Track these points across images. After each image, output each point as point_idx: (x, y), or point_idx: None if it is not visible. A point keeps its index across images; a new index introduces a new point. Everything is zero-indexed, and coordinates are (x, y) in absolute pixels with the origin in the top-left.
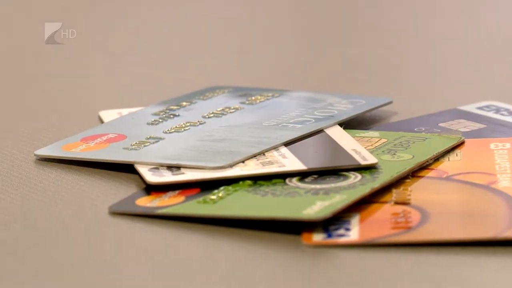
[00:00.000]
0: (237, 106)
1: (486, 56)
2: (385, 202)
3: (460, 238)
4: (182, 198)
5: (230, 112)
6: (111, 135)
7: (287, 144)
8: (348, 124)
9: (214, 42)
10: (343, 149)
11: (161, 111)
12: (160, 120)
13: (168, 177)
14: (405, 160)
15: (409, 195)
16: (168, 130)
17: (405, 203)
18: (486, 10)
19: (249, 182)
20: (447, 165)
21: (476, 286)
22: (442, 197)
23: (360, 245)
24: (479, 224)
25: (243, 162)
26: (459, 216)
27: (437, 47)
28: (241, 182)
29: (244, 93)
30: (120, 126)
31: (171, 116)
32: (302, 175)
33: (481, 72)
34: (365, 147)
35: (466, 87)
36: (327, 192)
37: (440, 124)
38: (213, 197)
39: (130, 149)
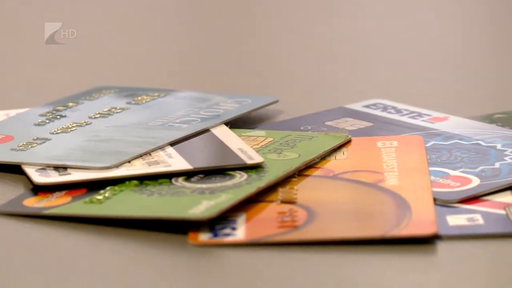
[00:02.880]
0: (123, 106)
1: (372, 54)
2: (272, 201)
3: (347, 237)
4: (69, 198)
5: (117, 112)
6: None
7: (173, 144)
8: (234, 124)
9: (100, 42)
10: (229, 148)
11: (48, 112)
12: (47, 121)
13: (55, 177)
14: (291, 159)
15: (296, 194)
16: (55, 130)
17: (291, 202)
18: (371, 9)
19: (135, 182)
20: (334, 163)
21: (362, 285)
22: (328, 196)
23: (247, 244)
24: (367, 222)
25: (129, 162)
26: (346, 214)
27: (323, 46)
28: (127, 182)
29: (131, 93)
30: (7, 127)
31: (58, 117)
32: (188, 175)
33: (367, 71)
34: (251, 146)
35: (353, 86)
36: (213, 192)
37: (327, 123)
38: (99, 197)
39: (18, 150)
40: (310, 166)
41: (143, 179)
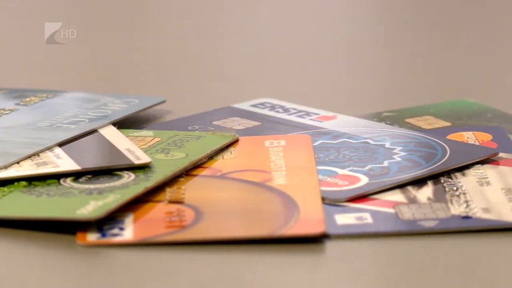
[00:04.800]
0: (12, 108)
1: (260, 54)
2: (159, 201)
3: (235, 236)
4: None
5: (5, 114)
6: None
7: (61, 144)
8: (122, 124)
9: None
10: (117, 148)
11: None
12: None
13: None
14: (179, 159)
15: (183, 194)
16: None
17: (179, 202)
18: (259, 8)
19: (24, 183)
20: (221, 163)
21: (251, 284)
22: (216, 196)
23: (135, 244)
24: (254, 222)
25: (18, 163)
26: (234, 214)
27: (211, 45)
28: (16, 183)
29: (19, 94)
30: None
31: None
32: (76, 175)
33: (255, 70)
34: (139, 147)
35: (241, 85)
36: (101, 192)
37: (214, 122)
38: None
39: None
40: (197, 165)
41: (31, 180)
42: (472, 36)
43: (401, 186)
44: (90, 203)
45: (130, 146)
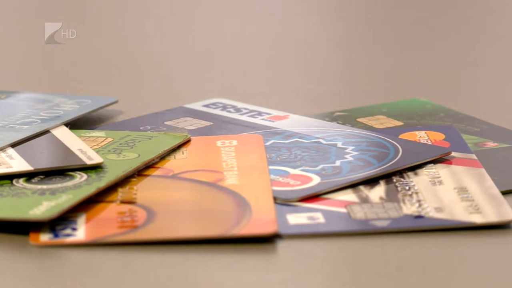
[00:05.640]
0: None
1: (211, 54)
2: (112, 202)
3: (187, 236)
4: None
5: None
6: None
7: (14, 145)
8: (75, 124)
9: None
10: (69, 149)
11: None
12: None
13: None
14: (131, 159)
15: (135, 194)
16: None
17: (131, 202)
18: (211, 7)
19: None
20: (173, 163)
21: (204, 284)
22: (168, 196)
23: (87, 245)
24: (207, 222)
25: None
26: (186, 214)
27: (163, 46)
28: None
29: None
30: None
31: None
32: (29, 176)
33: (207, 70)
34: (91, 147)
35: (193, 85)
36: (53, 193)
37: (166, 123)
38: None
39: None
40: (149, 166)
41: None
42: (425, 36)
43: (353, 185)
44: (43, 204)
45: (82, 147)
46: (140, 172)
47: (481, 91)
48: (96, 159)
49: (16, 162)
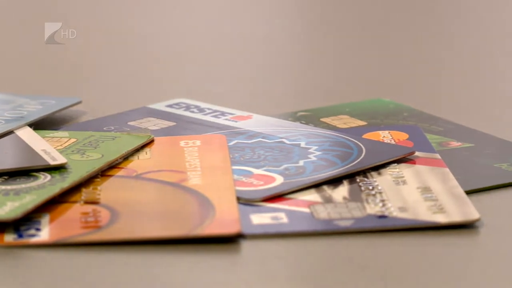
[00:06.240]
0: None
1: (175, 54)
2: (75, 202)
3: (150, 237)
4: None
5: None
6: None
7: None
8: (38, 125)
9: None
10: (33, 149)
11: None
12: None
13: None
14: (95, 160)
15: (99, 194)
16: None
17: (94, 202)
18: (173, 7)
19: None
20: (137, 163)
21: (168, 284)
22: (132, 196)
23: (51, 245)
24: (170, 222)
25: None
26: (150, 214)
27: (127, 45)
28: None
29: None
30: None
31: None
32: None
33: (170, 70)
34: (54, 147)
35: (156, 86)
36: (17, 193)
37: (130, 123)
38: None
39: None
40: (113, 166)
41: None
42: (389, 35)
43: (317, 185)
44: (7, 204)
45: (46, 147)
46: (104, 172)
47: (445, 90)
48: (59, 159)
49: None
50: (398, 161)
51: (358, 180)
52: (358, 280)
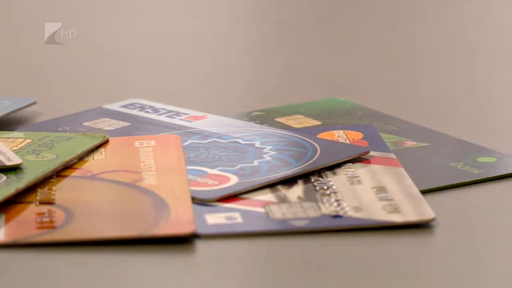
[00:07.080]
0: None
1: (130, 54)
2: (31, 202)
3: (106, 237)
4: None
5: None
6: None
7: None
8: None
9: None
10: None
11: None
12: None
13: None
14: (50, 160)
15: (54, 194)
16: None
17: (49, 202)
18: (130, 7)
19: None
20: (92, 164)
21: (124, 284)
22: (87, 196)
23: (6, 245)
24: (125, 222)
25: None
26: (105, 214)
27: (82, 45)
28: None
29: None
30: None
31: None
32: None
33: (125, 70)
34: (10, 148)
35: (111, 86)
36: None
37: (85, 123)
38: None
39: None
40: (68, 166)
41: None
42: (343, 34)
43: (271, 185)
44: None
45: (1, 148)
46: (59, 173)
47: (400, 90)
48: (15, 160)
49: None
50: (353, 160)
51: (312, 180)
52: (313, 280)
